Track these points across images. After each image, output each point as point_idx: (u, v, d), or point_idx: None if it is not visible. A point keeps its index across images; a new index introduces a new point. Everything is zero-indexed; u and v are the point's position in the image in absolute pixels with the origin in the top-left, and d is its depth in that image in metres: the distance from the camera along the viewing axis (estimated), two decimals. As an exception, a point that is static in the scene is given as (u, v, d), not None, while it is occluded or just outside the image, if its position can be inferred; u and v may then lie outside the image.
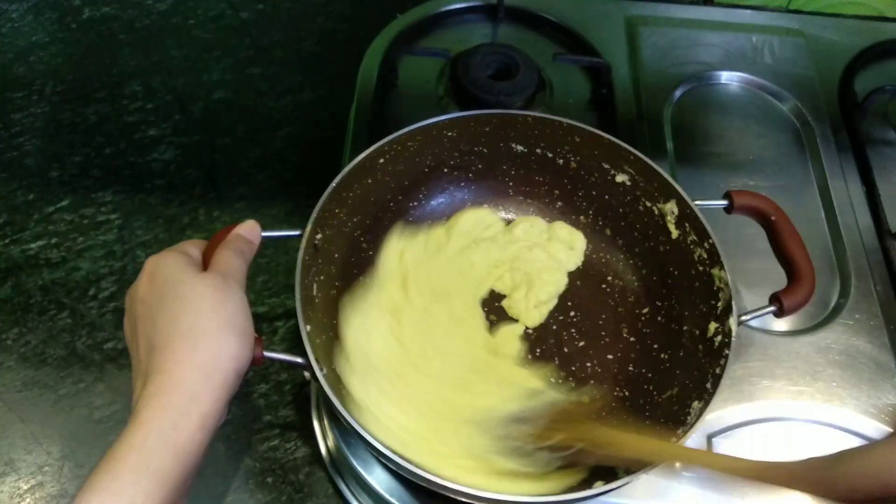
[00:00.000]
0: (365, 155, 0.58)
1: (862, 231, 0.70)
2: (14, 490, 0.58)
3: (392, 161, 0.60)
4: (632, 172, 0.61)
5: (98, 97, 0.81)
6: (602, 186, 0.63)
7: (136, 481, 0.38)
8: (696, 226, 0.57)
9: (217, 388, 0.42)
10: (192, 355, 0.41)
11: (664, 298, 0.60)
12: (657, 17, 0.86)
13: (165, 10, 0.89)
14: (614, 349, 0.60)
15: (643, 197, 0.61)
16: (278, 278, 0.68)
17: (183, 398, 0.40)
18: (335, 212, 0.57)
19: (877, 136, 0.79)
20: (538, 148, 0.63)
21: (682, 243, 0.58)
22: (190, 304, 0.43)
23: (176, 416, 0.40)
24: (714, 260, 0.55)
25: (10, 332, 0.65)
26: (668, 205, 0.59)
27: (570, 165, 0.63)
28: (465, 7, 0.84)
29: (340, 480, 0.58)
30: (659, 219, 0.60)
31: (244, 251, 0.49)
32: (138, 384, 0.42)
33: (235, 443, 0.60)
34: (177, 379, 0.41)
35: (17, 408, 0.61)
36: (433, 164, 0.63)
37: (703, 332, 0.55)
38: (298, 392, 0.62)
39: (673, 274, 0.60)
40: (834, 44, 0.85)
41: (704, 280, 0.56)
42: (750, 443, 0.58)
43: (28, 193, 0.74)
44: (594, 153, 0.62)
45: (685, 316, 0.58)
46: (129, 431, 0.39)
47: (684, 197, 0.58)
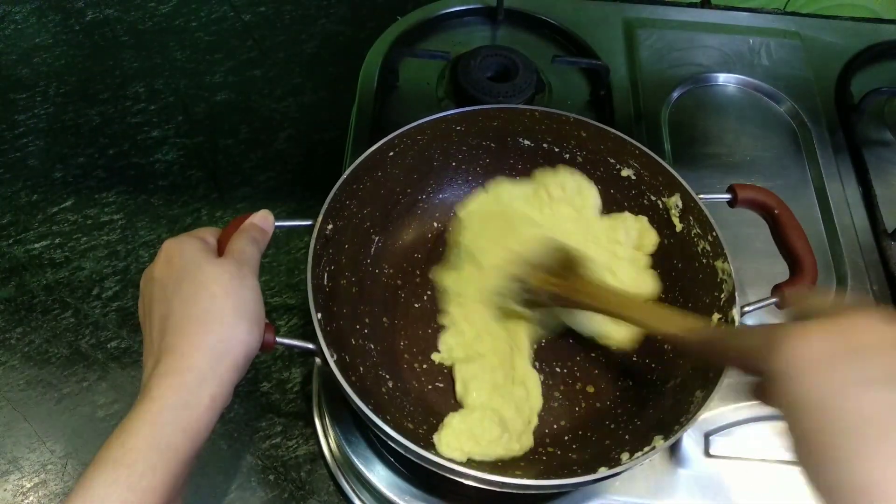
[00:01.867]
0: (375, 148, 0.58)
1: (858, 231, 0.71)
2: (18, 488, 0.58)
3: (401, 154, 0.61)
4: (637, 167, 0.61)
5: (101, 98, 0.82)
6: (608, 181, 0.64)
7: (148, 455, 0.39)
8: (700, 219, 0.58)
9: (227, 371, 0.43)
10: (204, 338, 0.42)
11: (668, 290, 0.61)
12: (655, 19, 0.87)
13: (168, 13, 0.89)
14: None
15: (648, 191, 0.62)
16: (280, 278, 0.69)
17: (194, 379, 0.41)
18: (346, 203, 0.58)
19: (873, 137, 0.79)
20: (545, 143, 0.64)
21: (686, 236, 0.59)
22: (206, 289, 0.44)
23: (187, 395, 0.41)
24: (717, 252, 0.56)
25: (13, 331, 0.66)
26: (673, 198, 0.60)
27: (577, 160, 0.64)
28: (464, 9, 0.84)
29: (342, 478, 0.58)
30: (664, 212, 0.61)
31: (258, 240, 0.50)
32: (149, 363, 0.43)
33: (237, 440, 0.60)
34: (189, 360, 0.42)
35: (21, 406, 0.62)
36: (442, 157, 0.64)
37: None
38: (300, 390, 0.63)
39: (677, 266, 0.60)
40: (830, 45, 0.86)
41: (708, 272, 0.57)
42: (748, 441, 0.58)
43: (32, 194, 0.74)
44: (600, 147, 0.62)
45: (689, 307, 0.58)
46: (141, 408, 0.40)
47: (688, 190, 0.58)
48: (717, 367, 0.50)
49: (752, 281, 0.64)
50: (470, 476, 0.45)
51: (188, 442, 0.41)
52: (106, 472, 0.38)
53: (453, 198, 0.66)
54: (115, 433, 0.40)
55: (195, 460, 0.42)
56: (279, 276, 0.69)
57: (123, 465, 0.38)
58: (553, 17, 0.84)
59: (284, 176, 0.77)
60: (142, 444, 0.39)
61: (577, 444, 0.54)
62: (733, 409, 0.59)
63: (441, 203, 0.66)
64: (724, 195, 0.59)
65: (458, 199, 0.66)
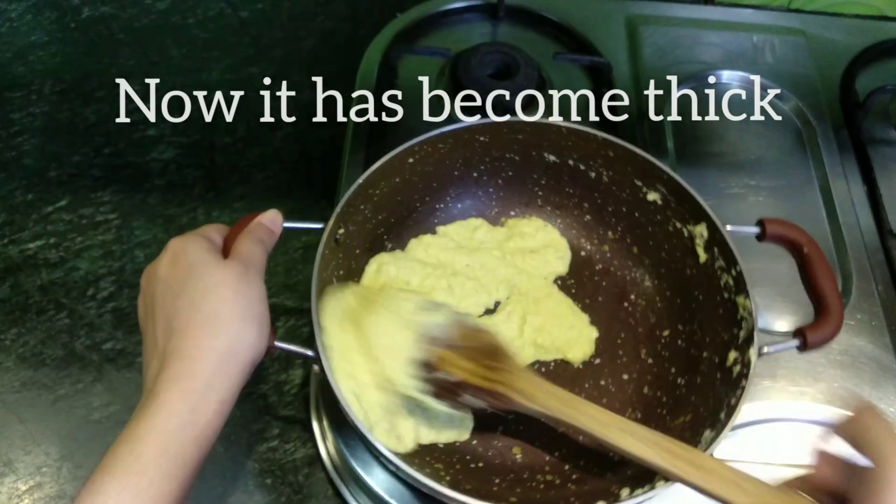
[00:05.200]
0: (394, 154, 0.57)
1: (863, 231, 0.70)
2: (13, 491, 0.57)
3: (421, 162, 0.59)
4: (664, 192, 0.59)
5: (97, 97, 0.81)
6: (632, 203, 0.62)
7: (157, 462, 0.38)
8: (725, 251, 0.55)
9: (234, 376, 0.42)
10: (212, 342, 0.42)
11: (686, 322, 0.59)
12: (658, 16, 0.86)
13: (165, 10, 0.89)
14: (631, 369, 0.59)
15: (673, 217, 0.59)
16: (277, 279, 0.68)
17: (202, 384, 0.41)
18: (360, 208, 0.56)
19: (878, 135, 0.79)
20: (570, 159, 0.62)
21: (710, 268, 0.57)
22: (214, 291, 0.43)
23: (196, 401, 0.40)
24: (740, 288, 0.54)
25: (8, 332, 0.65)
26: (699, 227, 0.57)
27: (602, 179, 0.62)
28: (465, 6, 0.84)
29: (340, 481, 0.57)
30: (688, 241, 0.59)
31: (265, 240, 0.49)
32: (153, 364, 0.43)
33: (235, 444, 0.59)
34: (197, 364, 0.41)
35: (16, 408, 0.61)
36: (463, 167, 0.63)
37: (722, 360, 0.54)
38: (298, 393, 0.62)
39: (697, 298, 0.58)
40: (835, 43, 0.85)
41: (728, 307, 0.55)
42: (750, 443, 0.58)
43: (27, 193, 0.73)
44: (627, 169, 0.60)
45: (706, 342, 0.56)
46: (149, 413, 0.40)
47: (715, 221, 0.56)
48: (729, 408, 0.49)
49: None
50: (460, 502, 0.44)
51: (197, 448, 0.40)
52: (115, 480, 0.38)
53: (473, 210, 0.65)
54: (122, 439, 0.39)
55: (203, 465, 0.42)
56: (276, 277, 0.68)
57: (133, 472, 0.38)
58: (554, 13, 0.84)
59: (282, 175, 0.76)
60: (151, 452, 0.38)
61: (576, 475, 0.53)
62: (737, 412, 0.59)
63: (459, 213, 0.65)
64: (753, 228, 0.56)
65: (477, 212, 0.65)
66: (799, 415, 0.59)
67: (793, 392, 0.60)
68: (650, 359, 0.59)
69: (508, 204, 0.66)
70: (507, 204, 0.66)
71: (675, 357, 0.58)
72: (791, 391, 0.60)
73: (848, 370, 0.62)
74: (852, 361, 0.62)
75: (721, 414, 0.49)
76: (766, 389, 0.60)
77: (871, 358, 0.62)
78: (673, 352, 0.59)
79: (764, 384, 0.60)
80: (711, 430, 0.49)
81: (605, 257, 0.65)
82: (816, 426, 0.59)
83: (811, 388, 0.60)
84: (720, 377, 0.53)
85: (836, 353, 0.62)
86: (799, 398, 0.60)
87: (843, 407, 0.60)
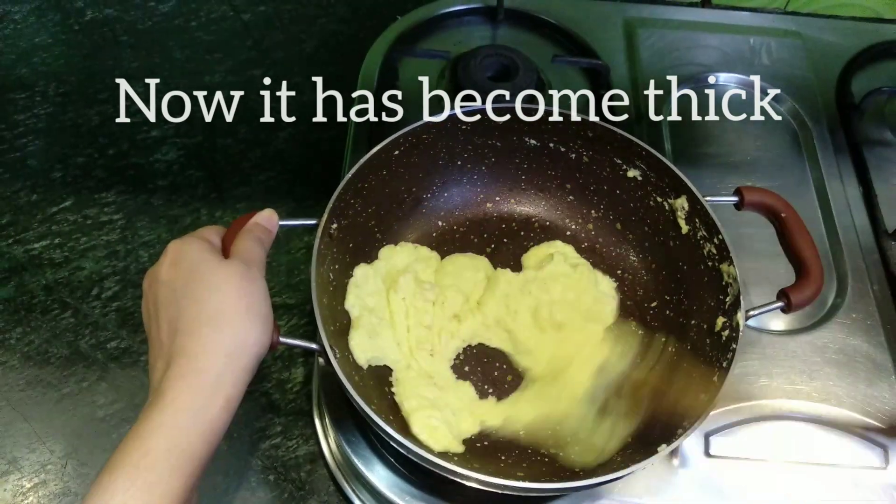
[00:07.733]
0: (380, 147, 0.58)
1: (859, 231, 0.71)
2: (17, 488, 0.58)
3: (407, 153, 0.61)
4: (643, 168, 0.61)
5: (101, 98, 0.81)
6: (614, 181, 0.63)
7: (167, 458, 0.39)
8: (706, 221, 0.57)
9: (240, 372, 0.43)
10: (217, 340, 0.42)
11: (673, 293, 0.61)
12: (655, 19, 0.86)
13: (167, 12, 0.89)
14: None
15: (654, 192, 0.61)
16: (280, 277, 0.69)
17: (209, 381, 0.41)
18: (350, 202, 0.57)
19: (874, 137, 0.79)
20: (551, 142, 0.64)
21: (692, 239, 0.59)
22: (217, 290, 0.44)
23: (203, 398, 0.41)
24: (723, 255, 0.56)
25: (13, 331, 0.65)
26: (679, 200, 0.59)
27: (583, 160, 0.64)
28: (464, 9, 0.84)
29: (342, 478, 0.58)
30: (669, 214, 0.61)
31: (263, 239, 0.50)
32: (159, 365, 0.43)
33: (237, 441, 0.60)
34: (203, 362, 0.42)
35: (21, 407, 0.61)
36: (447, 156, 0.64)
37: (710, 326, 0.56)
38: (300, 390, 0.63)
39: (682, 269, 0.60)
40: (831, 45, 0.86)
41: (713, 275, 0.57)
42: (747, 441, 0.58)
43: (31, 194, 0.74)
44: (606, 148, 0.62)
45: (693, 310, 0.58)
46: (157, 411, 0.40)
47: (695, 193, 0.58)
48: (721, 370, 0.50)
49: (756, 282, 0.64)
50: (471, 478, 0.45)
51: (204, 445, 0.41)
52: (123, 477, 0.38)
53: (458, 198, 0.66)
54: (131, 437, 0.40)
55: (210, 461, 0.42)
56: (279, 276, 0.69)
57: (142, 468, 0.38)
58: (553, 16, 0.84)
59: (284, 175, 0.76)
60: (160, 449, 0.39)
61: (578, 447, 0.54)
62: (733, 409, 0.59)
63: (446, 203, 0.66)
64: (731, 198, 0.58)
65: (463, 199, 0.66)
66: (795, 413, 0.60)
67: (788, 390, 0.61)
68: (640, 330, 0.61)
69: (493, 189, 0.67)
70: (491, 189, 0.67)
71: (665, 327, 0.60)
72: (787, 389, 0.61)
73: (843, 369, 0.62)
74: (848, 360, 0.63)
75: (714, 377, 0.51)
76: (763, 388, 0.61)
77: (866, 357, 0.63)
78: (662, 322, 0.61)
79: (760, 382, 0.61)
80: (706, 394, 0.50)
81: (589, 235, 0.66)
82: (812, 424, 0.59)
83: (806, 387, 0.61)
84: (710, 343, 0.55)
85: (832, 353, 0.63)
86: (794, 396, 0.60)
87: (837, 405, 0.60)
